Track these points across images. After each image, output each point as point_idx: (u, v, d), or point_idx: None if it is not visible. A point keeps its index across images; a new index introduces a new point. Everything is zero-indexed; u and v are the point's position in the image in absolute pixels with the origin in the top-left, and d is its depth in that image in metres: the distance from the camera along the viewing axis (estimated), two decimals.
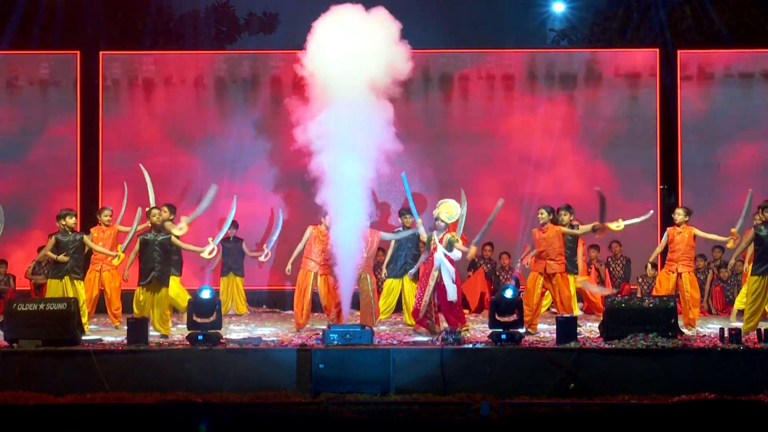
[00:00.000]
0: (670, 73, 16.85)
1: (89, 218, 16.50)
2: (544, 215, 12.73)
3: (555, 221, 12.87)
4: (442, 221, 12.33)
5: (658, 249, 13.55)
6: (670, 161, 16.69)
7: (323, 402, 9.94)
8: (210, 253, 12.89)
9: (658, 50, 16.90)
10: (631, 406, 9.82)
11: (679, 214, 13.01)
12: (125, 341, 10.99)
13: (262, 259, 14.51)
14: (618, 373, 10.44)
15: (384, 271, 13.91)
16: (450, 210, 12.40)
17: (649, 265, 15.16)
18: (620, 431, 8.93)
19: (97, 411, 9.40)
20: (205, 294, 11.21)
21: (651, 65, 16.73)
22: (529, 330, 12.16)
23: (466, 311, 15.47)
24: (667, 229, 13.24)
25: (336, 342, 10.72)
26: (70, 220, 12.76)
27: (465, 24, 21.56)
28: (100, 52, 16.84)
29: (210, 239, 12.90)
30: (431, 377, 10.43)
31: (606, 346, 10.75)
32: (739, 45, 17.69)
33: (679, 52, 16.87)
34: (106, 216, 13.84)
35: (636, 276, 15.54)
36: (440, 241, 12.22)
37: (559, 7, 21.75)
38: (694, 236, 12.91)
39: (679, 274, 12.88)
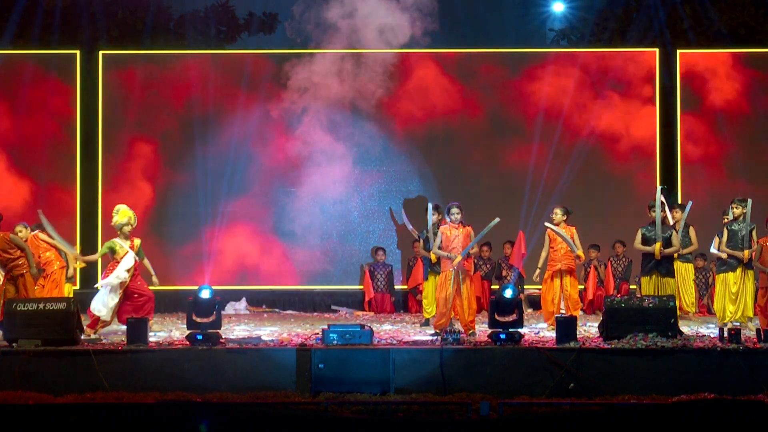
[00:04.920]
0: (670, 73, 16.86)
1: (89, 219, 16.55)
2: (558, 215, 12.91)
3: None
4: (131, 225, 12.56)
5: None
6: (670, 161, 16.70)
7: (323, 402, 9.94)
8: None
9: (658, 50, 16.91)
10: (630, 406, 9.81)
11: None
12: (125, 341, 10.98)
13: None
14: (618, 373, 10.44)
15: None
16: (131, 214, 12.61)
17: None
18: (620, 431, 8.92)
19: (97, 411, 9.39)
20: (205, 294, 11.20)
21: (651, 65, 16.74)
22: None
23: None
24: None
25: (336, 342, 10.71)
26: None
27: (465, 24, 21.54)
28: (100, 52, 16.84)
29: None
30: (431, 377, 10.43)
31: (606, 346, 10.75)
32: (739, 45, 17.69)
33: (679, 52, 16.87)
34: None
35: (636, 276, 15.52)
36: (131, 247, 12.48)
37: (559, 7, 21.73)
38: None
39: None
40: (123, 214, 12.53)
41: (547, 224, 13.09)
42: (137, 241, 12.62)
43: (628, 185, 16.57)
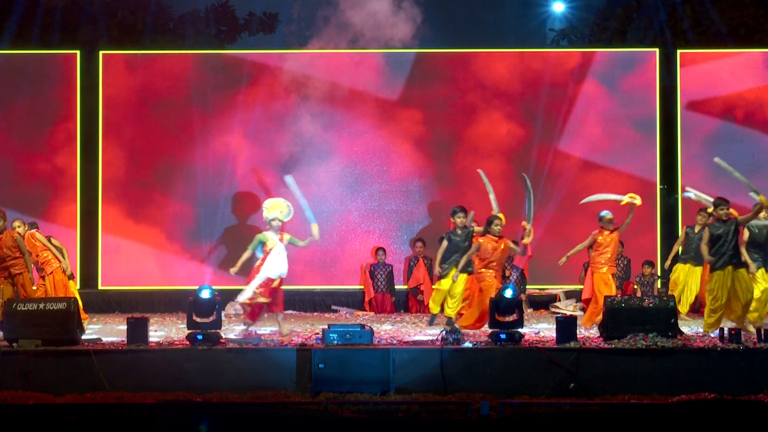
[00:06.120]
0: (670, 73, 16.85)
1: (89, 219, 16.55)
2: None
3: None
4: (280, 220, 12.47)
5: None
6: (670, 161, 16.70)
7: (323, 402, 9.94)
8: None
9: (658, 50, 16.91)
10: (631, 406, 9.82)
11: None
12: (125, 341, 10.98)
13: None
14: (618, 373, 10.44)
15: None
16: (283, 208, 12.58)
17: (646, 265, 15.28)
18: (620, 431, 8.93)
19: (97, 411, 9.40)
20: (205, 294, 11.20)
21: (651, 65, 16.74)
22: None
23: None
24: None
25: (336, 342, 10.72)
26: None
27: (465, 24, 21.56)
28: (100, 52, 16.84)
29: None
30: (431, 377, 10.43)
31: (606, 346, 10.76)
32: (739, 45, 17.70)
33: (679, 52, 16.87)
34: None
35: (635, 275, 15.54)
36: (281, 240, 12.42)
37: (559, 7, 21.76)
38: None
39: None
40: (271, 209, 12.55)
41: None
42: (287, 236, 12.56)
43: (627, 186, 16.53)
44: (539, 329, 12.71)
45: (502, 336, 10.87)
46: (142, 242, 16.39)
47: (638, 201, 13.37)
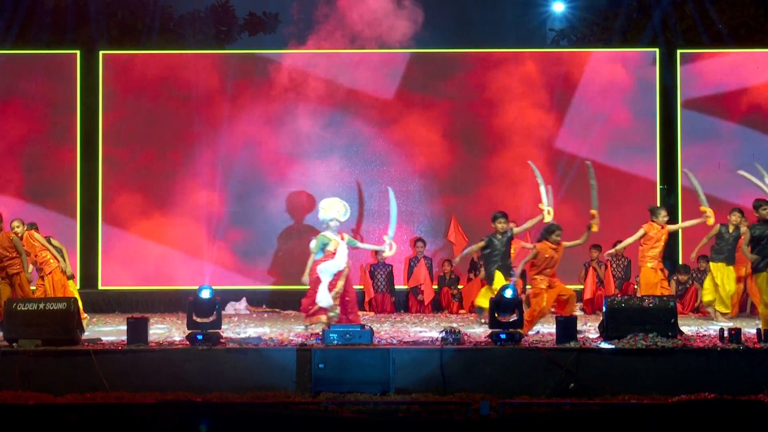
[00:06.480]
0: (670, 73, 16.86)
1: (89, 219, 16.55)
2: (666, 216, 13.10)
3: None
4: (338, 220, 12.59)
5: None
6: (670, 161, 16.69)
7: (323, 402, 9.94)
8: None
9: (658, 50, 16.92)
10: (631, 406, 9.82)
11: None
12: (125, 341, 10.98)
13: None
14: (618, 373, 10.44)
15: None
16: (340, 208, 12.67)
17: None
18: (620, 431, 8.92)
19: (97, 411, 9.40)
20: (205, 294, 11.21)
21: (651, 65, 16.73)
22: None
23: (462, 312, 15.49)
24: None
25: (336, 342, 10.72)
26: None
27: (465, 24, 21.54)
28: (100, 52, 16.85)
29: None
30: (431, 377, 10.43)
31: (606, 346, 10.75)
32: (739, 45, 17.70)
33: (679, 52, 16.88)
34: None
35: (635, 276, 15.52)
36: (342, 239, 12.55)
37: (559, 7, 21.72)
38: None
39: None
40: (328, 209, 12.63)
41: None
42: (346, 236, 12.69)
43: (627, 185, 16.55)
44: (538, 329, 12.70)
45: (502, 336, 10.87)
46: (142, 242, 16.39)
47: (711, 219, 13.10)
